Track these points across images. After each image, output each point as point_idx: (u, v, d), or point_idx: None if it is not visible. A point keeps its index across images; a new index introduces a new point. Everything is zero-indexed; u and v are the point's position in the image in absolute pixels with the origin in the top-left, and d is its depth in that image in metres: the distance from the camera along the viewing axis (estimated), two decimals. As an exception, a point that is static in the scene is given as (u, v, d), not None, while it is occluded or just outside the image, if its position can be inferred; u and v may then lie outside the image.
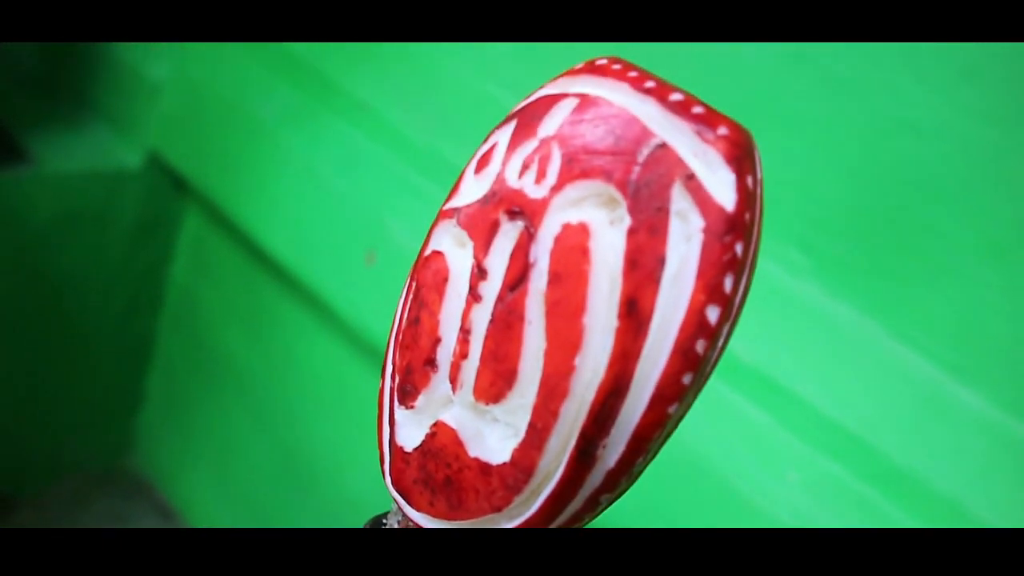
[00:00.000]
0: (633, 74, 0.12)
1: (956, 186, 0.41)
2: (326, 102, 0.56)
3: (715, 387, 0.45)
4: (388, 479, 0.14)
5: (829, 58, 0.42)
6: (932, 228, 0.41)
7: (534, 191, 0.12)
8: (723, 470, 0.45)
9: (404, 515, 0.14)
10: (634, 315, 0.11)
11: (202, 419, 0.64)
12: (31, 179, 0.54)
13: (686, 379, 0.11)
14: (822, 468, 0.45)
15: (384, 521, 0.16)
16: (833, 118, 0.43)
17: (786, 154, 0.44)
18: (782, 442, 0.46)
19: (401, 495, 0.14)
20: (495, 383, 0.12)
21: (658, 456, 0.14)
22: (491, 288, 0.12)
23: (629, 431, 0.12)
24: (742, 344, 0.47)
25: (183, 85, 0.57)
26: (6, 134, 0.55)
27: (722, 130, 0.11)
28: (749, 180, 0.11)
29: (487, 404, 0.13)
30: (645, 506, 0.46)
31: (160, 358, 0.65)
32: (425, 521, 0.14)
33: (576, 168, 0.12)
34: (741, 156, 0.11)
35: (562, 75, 0.12)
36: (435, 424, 0.13)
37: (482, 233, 0.12)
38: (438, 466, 0.13)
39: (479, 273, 0.13)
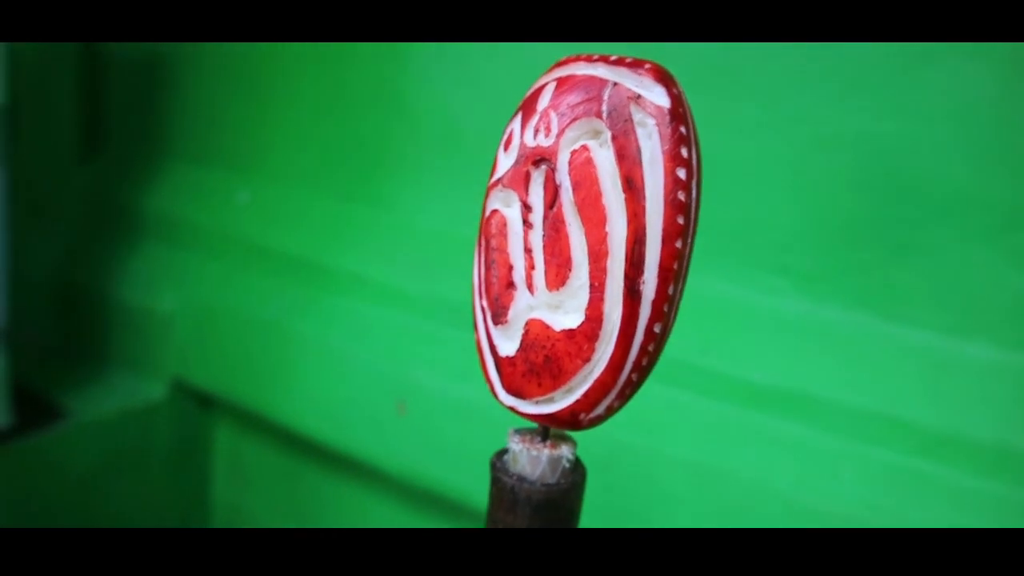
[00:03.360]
0: (583, 56, 0.20)
1: (903, 180, 0.50)
2: (324, 287, 0.65)
3: (748, 417, 0.51)
4: (501, 392, 0.21)
5: (764, 94, 0.52)
6: (886, 216, 0.50)
7: (546, 142, 0.19)
8: (787, 493, 0.50)
9: (521, 437, 0.20)
10: (632, 188, 0.18)
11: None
12: (68, 433, 0.60)
13: (680, 220, 0.18)
14: (870, 457, 0.50)
15: (503, 456, 0.21)
16: (773, 157, 0.53)
17: (751, 198, 0.53)
18: (826, 445, 0.51)
19: (514, 394, 0.20)
20: (559, 273, 0.19)
21: (729, 494, 0.20)
22: (537, 214, 0.20)
23: (656, 265, 0.18)
24: (755, 370, 0.53)
25: (192, 311, 0.65)
26: (39, 399, 0.62)
27: (647, 66, 0.19)
28: (674, 88, 0.19)
29: (557, 290, 0.19)
30: (713, 533, 0.49)
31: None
32: (536, 408, 0.20)
33: (567, 118, 0.19)
34: (664, 76, 0.19)
35: (541, 76, 0.20)
36: (526, 325, 0.20)
37: (521, 183, 0.20)
38: (536, 352, 0.19)
39: (526, 208, 0.20)
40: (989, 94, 0.46)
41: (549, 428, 0.21)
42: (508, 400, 0.21)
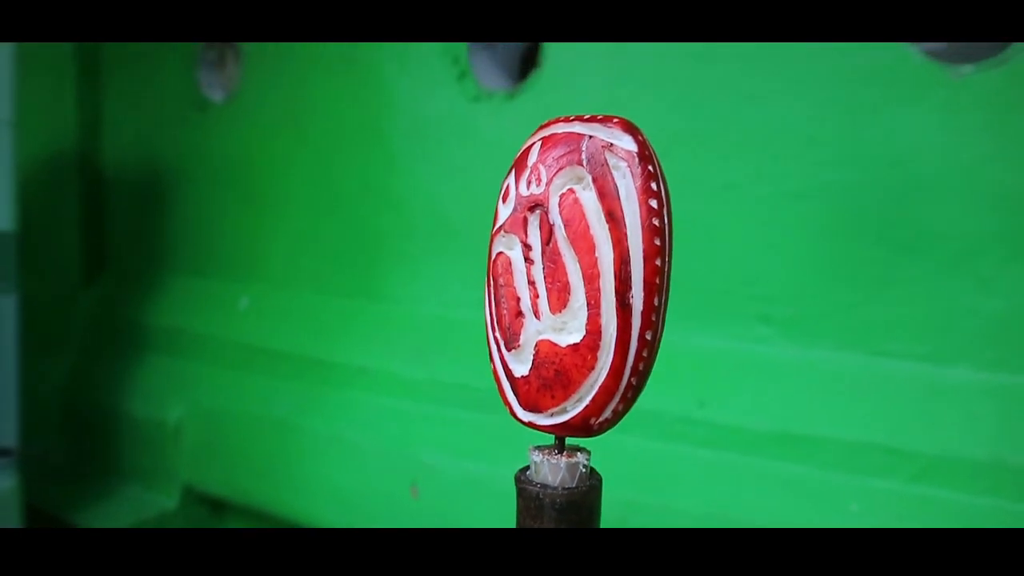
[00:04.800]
0: (561, 118, 0.24)
1: (868, 223, 0.54)
2: (329, 382, 0.68)
3: (751, 464, 0.54)
4: (519, 410, 0.24)
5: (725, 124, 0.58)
6: (857, 258, 0.54)
7: (538, 190, 0.24)
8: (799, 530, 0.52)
9: (540, 451, 0.23)
10: (614, 219, 0.23)
11: None
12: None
13: (657, 242, 0.23)
14: (874, 488, 0.53)
15: (525, 471, 0.25)
16: (743, 215, 0.57)
17: (727, 256, 0.57)
18: (830, 482, 0.53)
19: (531, 410, 0.24)
20: (560, 297, 0.23)
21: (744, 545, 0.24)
22: (536, 251, 0.24)
23: (641, 281, 0.22)
24: (752, 418, 0.56)
25: (200, 418, 0.68)
26: (51, 517, 0.63)
27: (615, 120, 0.23)
28: (639, 136, 0.23)
29: (560, 313, 0.23)
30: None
31: None
32: (551, 420, 0.23)
33: (554, 168, 0.24)
34: (630, 127, 0.23)
35: (528, 139, 0.25)
36: (536, 346, 0.23)
37: (520, 227, 0.24)
38: (547, 368, 0.23)
39: (526, 247, 0.24)
40: (931, 139, 0.52)
41: (564, 439, 0.24)
42: (526, 416, 0.24)
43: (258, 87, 0.71)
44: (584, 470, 0.24)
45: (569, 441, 0.24)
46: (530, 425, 0.24)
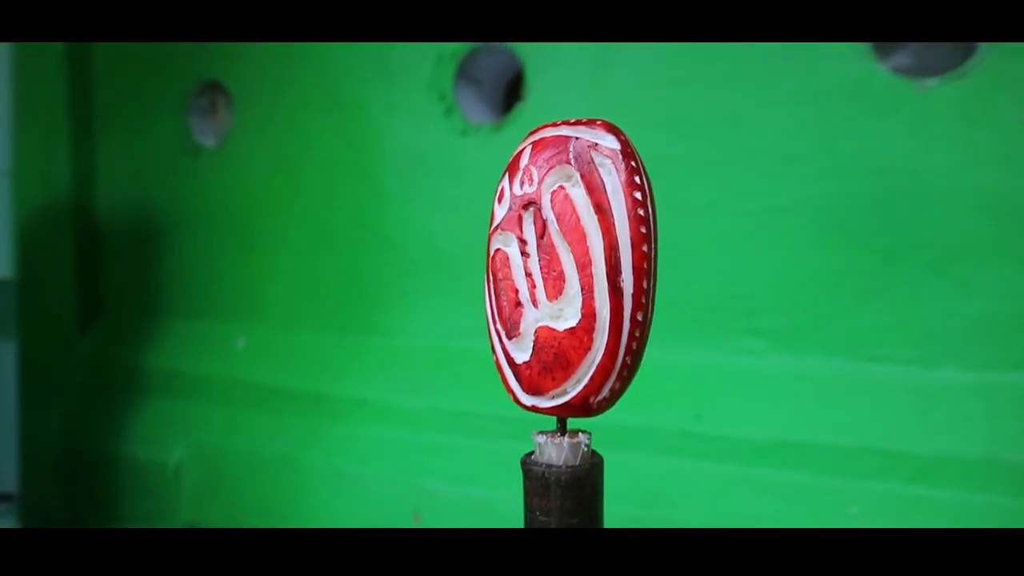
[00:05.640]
0: (549, 124, 0.27)
1: (849, 233, 0.57)
2: (328, 416, 0.69)
3: (749, 474, 0.56)
4: (522, 395, 0.26)
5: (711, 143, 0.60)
6: (841, 268, 0.56)
7: (530, 189, 0.26)
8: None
9: (543, 434, 0.25)
10: (602, 211, 0.25)
11: None
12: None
13: (643, 230, 0.25)
14: (872, 491, 0.54)
15: (530, 455, 0.26)
16: (727, 232, 0.60)
17: (714, 273, 0.60)
18: (828, 487, 0.55)
19: (533, 393, 0.26)
20: (556, 285, 0.25)
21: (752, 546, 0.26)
22: (531, 245, 0.26)
23: (630, 266, 0.24)
24: (748, 429, 0.58)
25: (201, 457, 0.69)
26: None
27: (599, 122, 0.26)
28: (621, 135, 0.26)
29: (556, 300, 0.25)
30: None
31: None
32: (553, 402, 0.25)
33: (544, 168, 0.26)
34: (612, 127, 0.26)
35: (519, 144, 0.27)
36: (535, 332, 0.26)
37: (515, 224, 0.26)
38: (547, 352, 0.25)
39: (522, 242, 0.26)
40: (904, 149, 0.55)
41: (566, 421, 0.26)
42: (529, 400, 0.26)
43: (249, 131, 0.74)
44: (586, 449, 0.26)
45: (570, 423, 0.26)
46: (533, 409, 0.26)
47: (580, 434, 0.26)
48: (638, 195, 0.25)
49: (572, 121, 0.26)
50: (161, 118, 0.77)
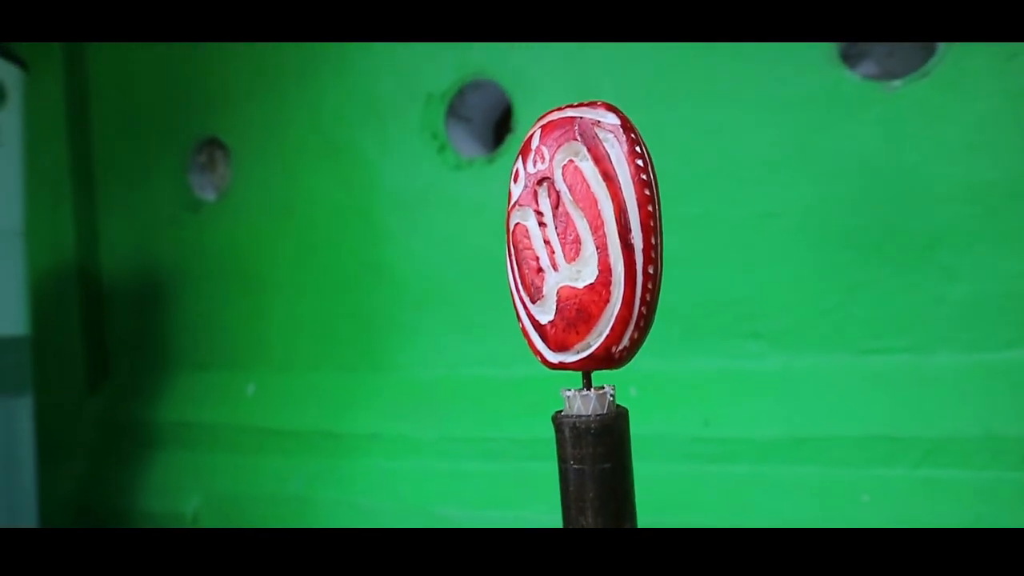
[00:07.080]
0: (554, 109, 0.30)
1: (835, 230, 0.60)
2: (341, 453, 0.71)
3: (761, 472, 0.58)
4: (548, 354, 0.29)
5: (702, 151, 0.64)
6: (829, 265, 0.60)
7: (543, 166, 0.29)
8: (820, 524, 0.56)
9: (571, 390, 0.28)
10: (609, 179, 0.28)
11: None
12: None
13: (647, 192, 0.28)
14: (882, 477, 0.57)
15: (560, 412, 0.29)
16: (718, 242, 0.63)
17: (709, 282, 0.63)
18: (839, 478, 0.57)
19: (559, 350, 0.28)
20: (573, 247, 0.28)
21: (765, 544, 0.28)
22: (548, 216, 0.29)
23: (639, 223, 0.28)
24: (755, 428, 0.61)
25: (217, 504, 0.70)
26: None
27: (599, 104, 0.29)
28: (620, 113, 0.29)
29: (574, 262, 0.28)
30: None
31: None
32: (578, 356, 0.28)
33: (554, 147, 0.29)
34: (612, 107, 0.29)
35: (529, 129, 0.31)
36: (557, 293, 0.28)
37: (532, 199, 0.29)
38: (569, 308, 0.28)
39: (539, 215, 0.29)
40: (877, 147, 0.59)
41: (591, 376, 0.29)
42: (555, 358, 0.29)
43: (249, 182, 0.78)
44: (611, 399, 0.29)
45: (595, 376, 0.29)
46: (559, 366, 0.29)
47: (605, 387, 0.29)
48: (640, 162, 0.28)
49: (575, 104, 0.30)
50: (161, 176, 0.80)
